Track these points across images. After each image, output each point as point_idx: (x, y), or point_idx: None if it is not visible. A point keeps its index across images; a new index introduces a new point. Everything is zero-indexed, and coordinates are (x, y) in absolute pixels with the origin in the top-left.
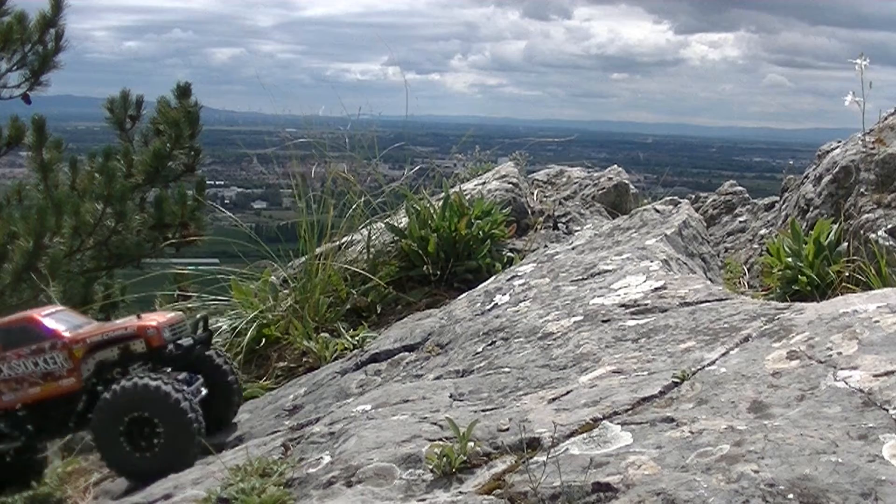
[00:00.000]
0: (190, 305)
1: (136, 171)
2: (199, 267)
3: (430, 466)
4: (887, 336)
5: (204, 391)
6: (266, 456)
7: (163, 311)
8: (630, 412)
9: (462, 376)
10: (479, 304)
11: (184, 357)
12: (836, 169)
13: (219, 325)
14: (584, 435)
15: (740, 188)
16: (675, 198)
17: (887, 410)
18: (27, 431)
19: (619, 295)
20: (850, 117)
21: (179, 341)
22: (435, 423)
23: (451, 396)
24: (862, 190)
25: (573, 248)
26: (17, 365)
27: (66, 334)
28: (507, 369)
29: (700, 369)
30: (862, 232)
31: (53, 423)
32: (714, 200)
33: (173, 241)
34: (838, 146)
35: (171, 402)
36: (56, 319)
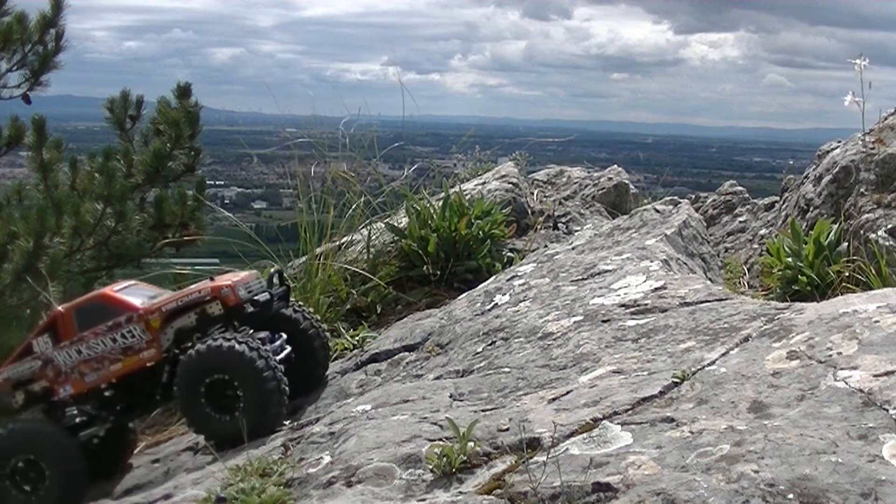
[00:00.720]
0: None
1: (136, 171)
2: (199, 267)
3: (430, 466)
4: (887, 336)
5: (287, 349)
6: (266, 456)
7: (236, 271)
8: (630, 412)
9: (462, 376)
10: (479, 304)
11: (261, 314)
12: (836, 169)
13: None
14: (584, 435)
15: (740, 188)
16: (675, 198)
17: (887, 410)
18: (116, 410)
19: (619, 295)
20: (850, 117)
21: (255, 298)
22: (435, 423)
23: (451, 396)
24: (862, 190)
25: (573, 248)
26: (96, 344)
27: (141, 306)
28: (507, 369)
29: (700, 369)
30: (862, 232)
31: (141, 399)
32: (714, 200)
33: (173, 241)
34: (838, 146)
35: (247, 363)
36: (129, 293)
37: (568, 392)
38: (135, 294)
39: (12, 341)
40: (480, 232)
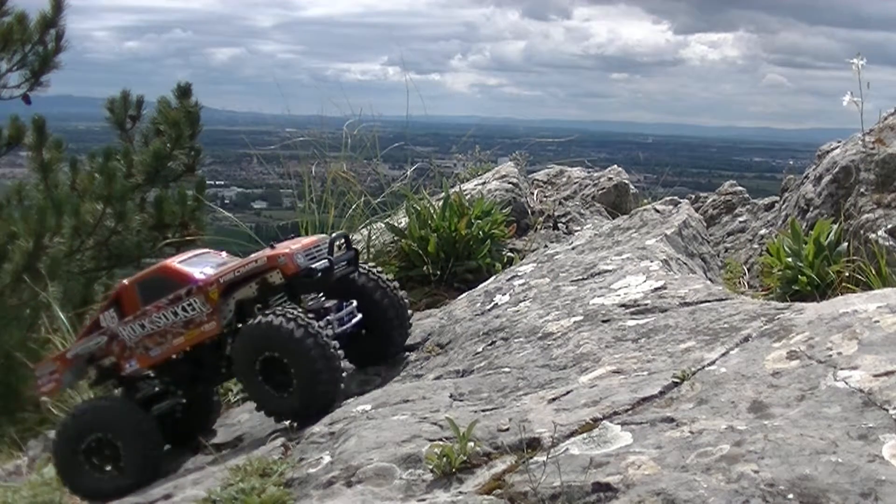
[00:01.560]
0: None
1: (136, 172)
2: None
3: (430, 466)
4: (887, 336)
5: (356, 318)
6: (266, 456)
7: (303, 237)
8: (630, 412)
9: (462, 376)
10: (479, 304)
11: (324, 281)
12: (836, 169)
13: None
14: (584, 435)
15: (740, 188)
16: (675, 198)
17: (887, 410)
18: (185, 384)
19: (619, 295)
20: (850, 117)
21: (314, 265)
22: (435, 423)
23: (451, 396)
24: (862, 190)
25: (573, 248)
26: (159, 318)
27: (201, 277)
28: (507, 369)
29: (700, 369)
30: (862, 232)
31: (208, 372)
32: (714, 200)
33: (173, 241)
34: (838, 146)
35: (293, 340)
36: (191, 264)
37: (568, 392)
38: (199, 264)
39: (12, 341)
40: (480, 232)
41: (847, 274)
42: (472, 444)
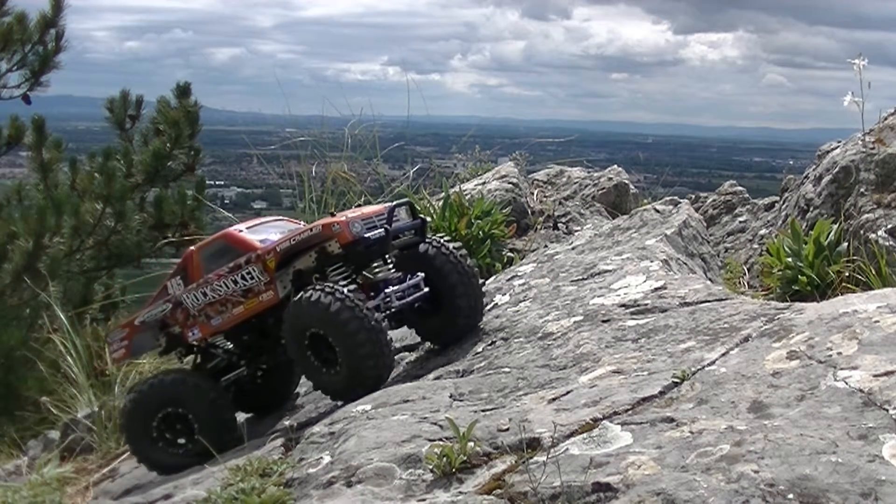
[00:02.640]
0: None
1: (135, 171)
2: None
3: (430, 466)
4: (887, 336)
5: (419, 292)
6: (266, 456)
7: (368, 205)
8: (630, 412)
9: (462, 376)
10: None
11: (379, 252)
12: (836, 169)
13: None
14: (584, 435)
15: (740, 188)
16: (675, 198)
17: (887, 410)
18: (248, 355)
19: (619, 295)
20: (850, 117)
21: (369, 234)
22: (435, 423)
23: (451, 396)
24: (862, 190)
25: (573, 248)
26: (219, 286)
27: (259, 245)
28: (507, 369)
29: (700, 369)
30: (862, 232)
31: (271, 342)
32: (714, 200)
33: (173, 240)
34: (838, 146)
35: (332, 315)
36: (255, 231)
37: (568, 392)
38: (264, 232)
39: (12, 341)
40: (480, 232)
41: (847, 274)
42: (472, 444)
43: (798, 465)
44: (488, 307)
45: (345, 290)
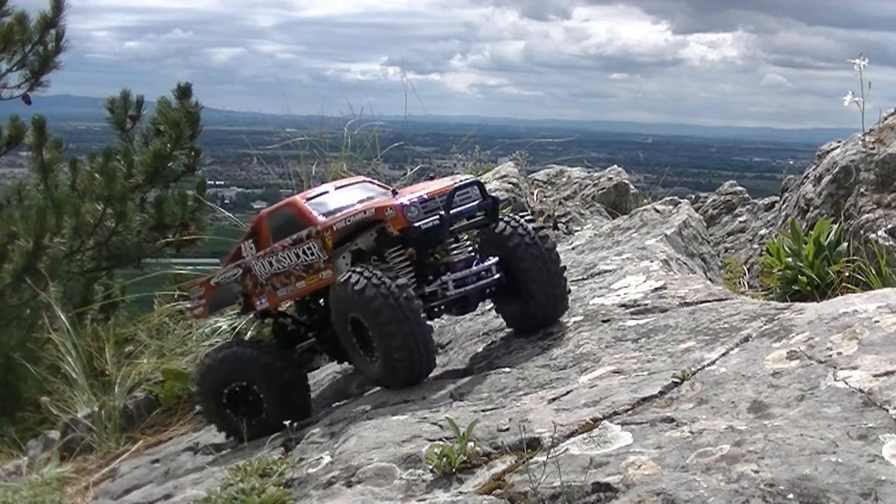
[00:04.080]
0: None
1: (136, 172)
2: (200, 267)
3: (430, 466)
4: (887, 336)
5: (488, 278)
6: (266, 456)
7: (436, 181)
8: (630, 412)
9: (462, 376)
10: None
11: (437, 238)
12: (836, 169)
13: (218, 324)
14: (584, 435)
15: (740, 188)
16: (675, 198)
17: (887, 410)
18: (316, 328)
19: (619, 295)
20: (850, 117)
21: (419, 223)
22: (435, 423)
23: (451, 396)
24: (862, 190)
25: (573, 248)
26: (284, 258)
27: (320, 220)
28: (507, 369)
29: (700, 369)
30: (862, 232)
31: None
32: (714, 200)
33: (173, 241)
34: (838, 146)
35: (365, 300)
36: (319, 202)
37: (568, 392)
38: (330, 202)
39: (12, 341)
40: None
41: (847, 274)
42: (472, 444)
43: (798, 465)
44: (488, 307)
45: (382, 274)
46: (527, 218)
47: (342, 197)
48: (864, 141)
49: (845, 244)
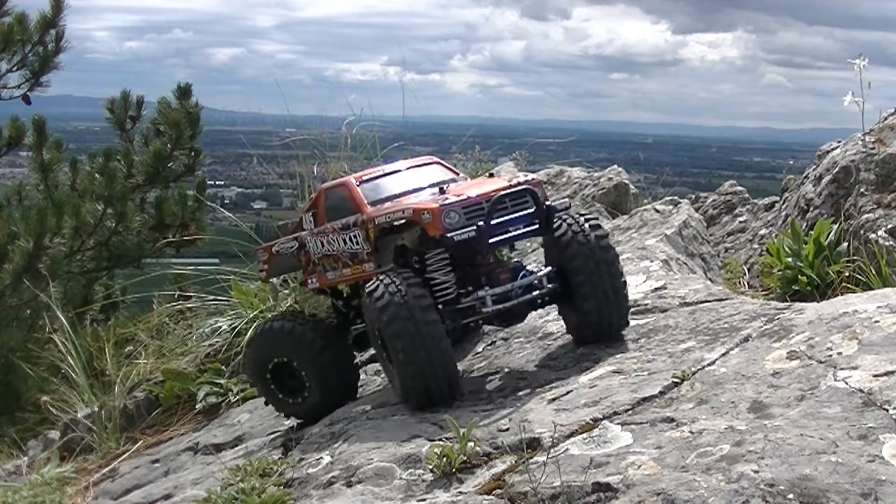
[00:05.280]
0: (190, 305)
1: (136, 172)
2: (200, 267)
3: (430, 466)
4: (887, 336)
5: (537, 290)
6: (266, 456)
7: (489, 180)
8: (630, 412)
9: (462, 376)
10: None
11: (473, 250)
12: (836, 169)
13: (218, 325)
14: (584, 435)
15: (740, 188)
16: (675, 198)
17: (887, 410)
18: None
19: None
20: (850, 117)
21: (453, 234)
22: (435, 423)
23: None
24: (862, 190)
25: None
26: (334, 240)
27: (367, 209)
28: (507, 369)
29: (700, 369)
30: (862, 232)
31: None
32: (714, 200)
33: (173, 241)
34: (838, 146)
35: (378, 311)
36: (373, 187)
37: (568, 392)
38: (384, 186)
39: (12, 341)
40: None
41: (847, 274)
42: (472, 444)
43: (798, 465)
44: None
45: (404, 284)
46: (592, 222)
47: (402, 181)
48: (864, 141)
49: (845, 244)
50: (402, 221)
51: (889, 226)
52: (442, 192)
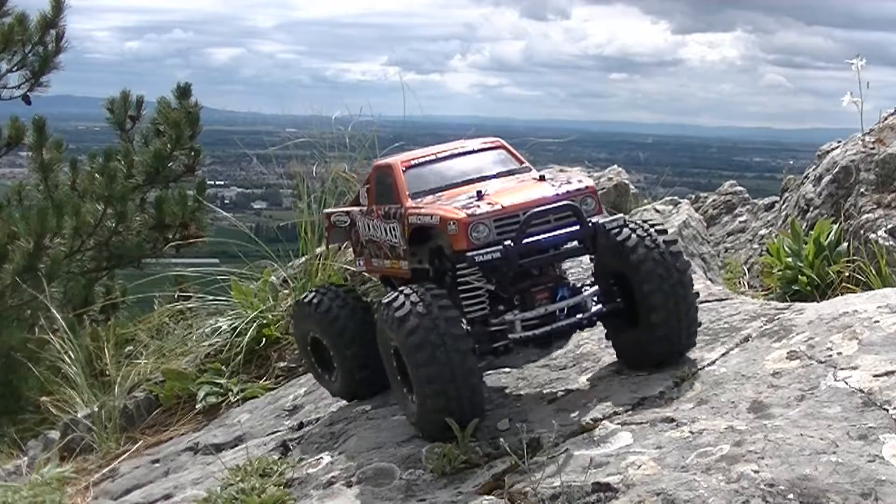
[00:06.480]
0: (190, 305)
1: (136, 172)
2: (200, 267)
3: (430, 466)
4: (887, 336)
5: (581, 314)
6: (266, 456)
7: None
8: (630, 412)
9: None
10: None
11: (500, 271)
12: (836, 169)
13: (218, 325)
14: (584, 435)
15: (740, 188)
16: (675, 198)
17: (887, 410)
18: None
19: None
20: (850, 117)
21: (477, 254)
22: None
23: None
24: (862, 190)
25: None
26: (377, 227)
27: (407, 203)
28: (507, 369)
29: (700, 369)
30: (862, 232)
31: None
32: (714, 200)
33: (174, 241)
34: (838, 146)
35: (400, 328)
36: (421, 174)
37: (568, 392)
38: (440, 174)
39: (12, 341)
40: None
41: (847, 274)
42: (472, 443)
43: (798, 465)
44: None
45: (433, 301)
46: (657, 227)
47: (454, 168)
48: (864, 141)
49: (845, 244)
50: (433, 227)
51: (889, 226)
52: (479, 196)
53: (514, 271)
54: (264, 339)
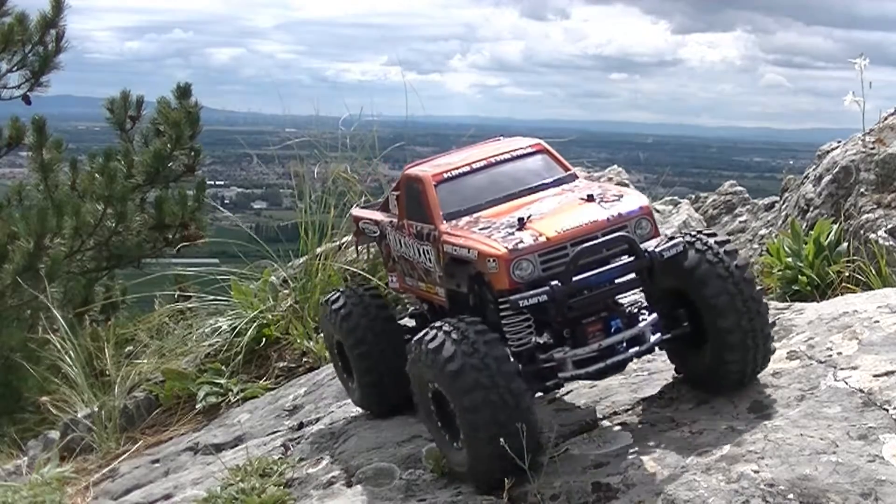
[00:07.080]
0: (190, 305)
1: (136, 172)
2: (200, 267)
3: (430, 466)
4: (887, 336)
5: (640, 347)
6: (266, 456)
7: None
8: (630, 412)
9: None
10: None
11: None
12: (836, 169)
13: (218, 325)
14: (584, 435)
15: (740, 188)
16: (675, 198)
17: (887, 410)
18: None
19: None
20: (850, 117)
21: (521, 298)
22: None
23: None
24: (862, 190)
25: None
26: (410, 245)
27: (442, 226)
28: None
29: None
30: (862, 232)
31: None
32: (714, 200)
33: (174, 241)
34: (838, 146)
35: (446, 368)
36: (455, 189)
37: (568, 392)
38: (476, 190)
39: (12, 341)
40: None
41: (847, 274)
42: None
43: (798, 465)
44: None
45: (473, 333)
46: (718, 239)
47: (492, 181)
48: (864, 141)
49: (845, 244)
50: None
51: (889, 226)
52: (521, 224)
53: (562, 316)
54: (264, 339)
